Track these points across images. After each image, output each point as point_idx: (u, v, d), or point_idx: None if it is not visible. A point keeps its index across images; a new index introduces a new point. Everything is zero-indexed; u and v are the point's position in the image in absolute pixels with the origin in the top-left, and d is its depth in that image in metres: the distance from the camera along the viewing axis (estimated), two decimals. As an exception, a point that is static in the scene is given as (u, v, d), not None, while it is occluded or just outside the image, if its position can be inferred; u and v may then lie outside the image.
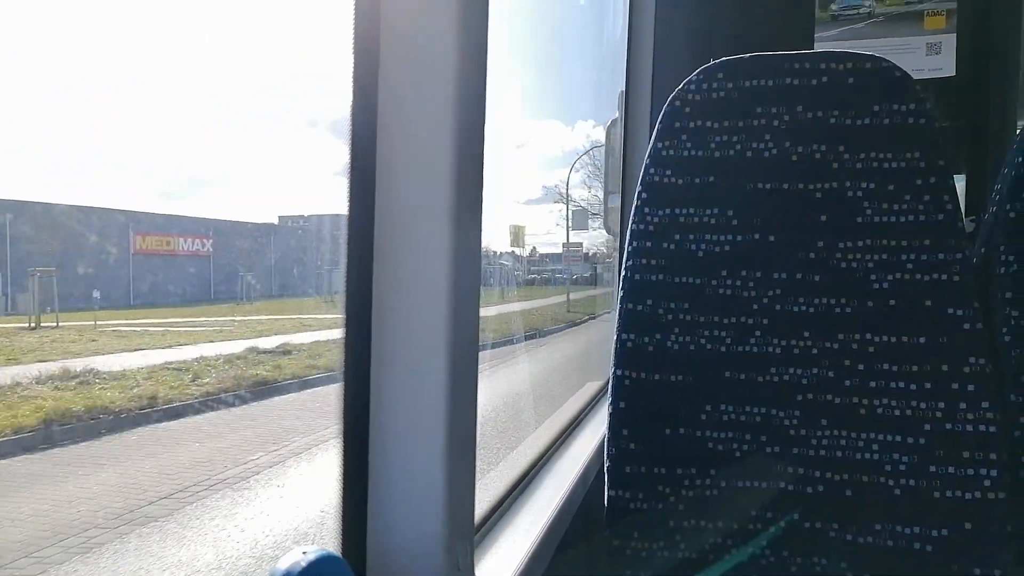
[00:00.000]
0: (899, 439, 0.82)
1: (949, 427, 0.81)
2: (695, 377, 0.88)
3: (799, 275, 0.86)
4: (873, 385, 0.83)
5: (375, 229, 0.53)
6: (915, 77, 0.85)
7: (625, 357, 0.90)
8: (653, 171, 0.91)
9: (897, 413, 0.82)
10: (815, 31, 1.68)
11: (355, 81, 0.52)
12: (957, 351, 0.81)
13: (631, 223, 0.92)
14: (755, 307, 0.87)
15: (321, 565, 0.42)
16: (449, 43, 0.51)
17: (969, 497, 0.80)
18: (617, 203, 1.83)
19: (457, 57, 0.51)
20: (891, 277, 0.84)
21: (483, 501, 0.83)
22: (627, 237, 0.93)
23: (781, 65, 0.88)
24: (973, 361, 0.81)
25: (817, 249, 0.86)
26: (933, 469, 0.81)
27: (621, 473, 0.89)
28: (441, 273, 0.52)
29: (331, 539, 0.55)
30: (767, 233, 0.88)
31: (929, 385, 0.82)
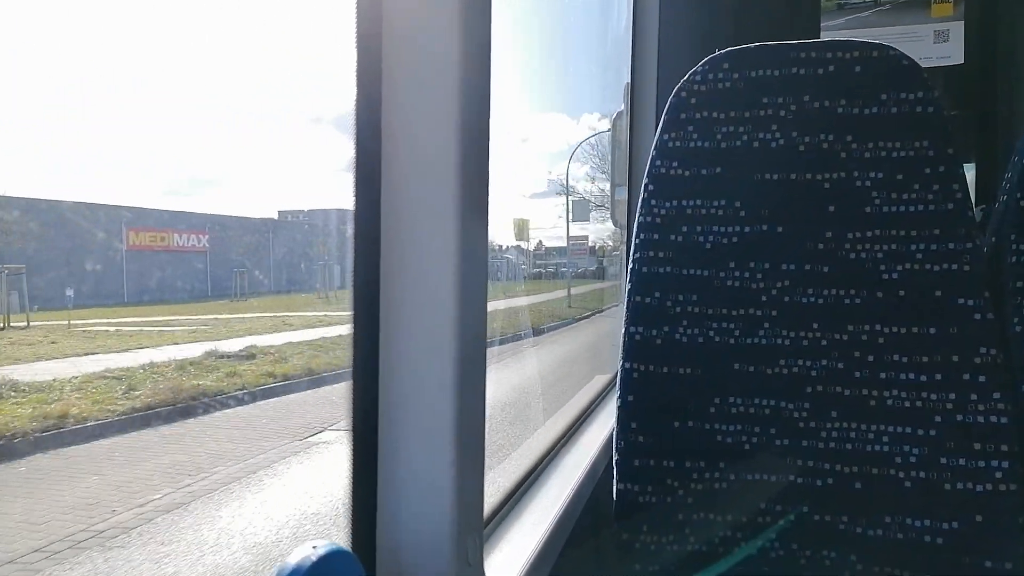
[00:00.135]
0: (909, 431, 0.82)
1: (960, 418, 0.80)
2: (704, 370, 0.88)
3: (808, 266, 0.86)
4: (883, 376, 0.83)
5: (381, 226, 0.53)
6: (923, 65, 0.85)
7: (633, 350, 0.90)
8: (660, 163, 0.91)
9: (907, 405, 0.82)
10: (821, 20, 1.67)
11: (359, 78, 0.52)
12: (968, 342, 0.81)
13: (638, 215, 0.92)
14: (764, 299, 0.87)
15: (331, 560, 0.42)
16: (452, 39, 0.50)
17: (980, 489, 0.79)
18: (624, 195, 1.82)
19: (461, 53, 0.50)
20: (900, 267, 0.83)
21: (492, 495, 0.83)
22: (634, 229, 0.92)
23: (787, 55, 0.87)
24: (984, 352, 0.80)
25: (826, 240, 0.86)
26: (944, 461, 0.80)
27: (630, 466, 0.89)
28: (448, 269, 0.52)
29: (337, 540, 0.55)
30: (775, 224, 0.87)
31: (940, 376, 0.81)
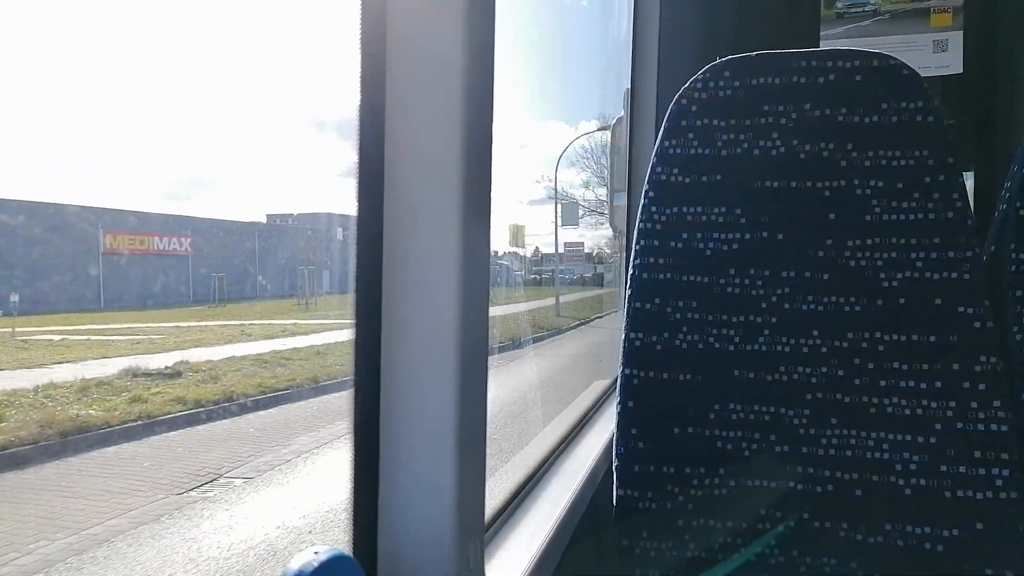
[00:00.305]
0: (909, 438, 0.82)
1: (960, 426, 0.80)
2: (704, 376, 0.88)
3: (808, 273, 0.86)
4: (883, 384, 0.83)
5: (384, 229, 0.54)
6: (922, 74, 0.85)
7: (633, 356, 0.90)
8: (660, 170, 0.91)
9: (907, 412, 0.82)
10: (821, 29, 1.67)
11: (362, 83, 0.52)
12: (968, 350, 0.81)
13: (638, 222, 0.92)
14: (764, 306, 0.87)
15: (332, 565, 0.42)
16: (456, 44, 0.51)
17: (981, 497, 0.79)
18: (623, 201, 1.82)
19: (464, 58, 0.51)
20: (900, 275, 0.83)
21: (492, 500, 0.83)
22: (634, 236, 0.93)
23: (788, 63, 0.88)
24: (984, 360, 0.80)
25: (826, 247, 0.86)
26: (944, 469, 0.80)
27: (630, 472, 0.89)
28: (450, 274, 0.52)
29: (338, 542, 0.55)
30: (775, 231, 0.87)
31: (940, 384, 0.81)
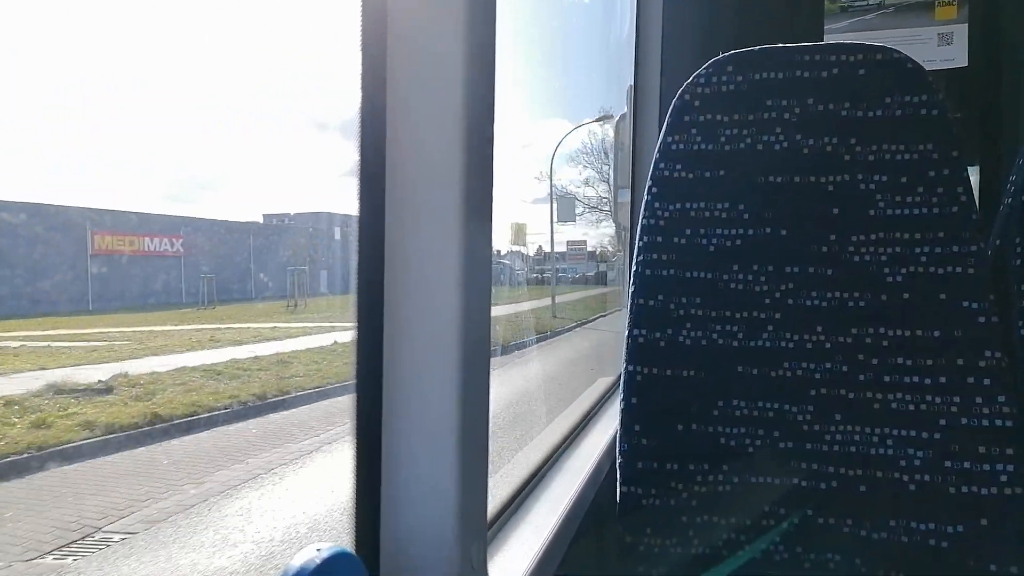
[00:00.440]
0: (913, 434, 0.82)
1: (964, 422, 0.80)
2: (707, 372, 0.88)
3: (811, 269, 0.86)
4: (887, 380, 0.83)
5: (385, 229, 0.54)
6: (927, 68, 0.85)
7: (637, 353, 0.90)
8: (663, 165, 0.91)
9: (911, 408, 0.82)
10: (824, 23, 1.66)
11: (363, 83, 0.52)
12: (972, 345, 0.81)
13: (641, 218, 0.92)
14: (767, 301, 0.87)
15: (335, 562, 0.42)
16: (457, 44, 0.51)
17: (985, 493, 0.79)
18: (627, 198, 1.82)
19: (465, 58, 0.51)
20: (905, 270, 0.83)
21: (495, 498, 0.83)
22: (637, 232, 0.92)
23: (791, 57, 0.87)
24: (989, 355, 0.80)
25: (829, 243, 0.86)
26: (948, 464, 0.80)
27: (633, 469, 0.89)
28: (452, 273, 0.52)
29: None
30: (779, 227, 0.87)
31: (944, 379, 0.81)
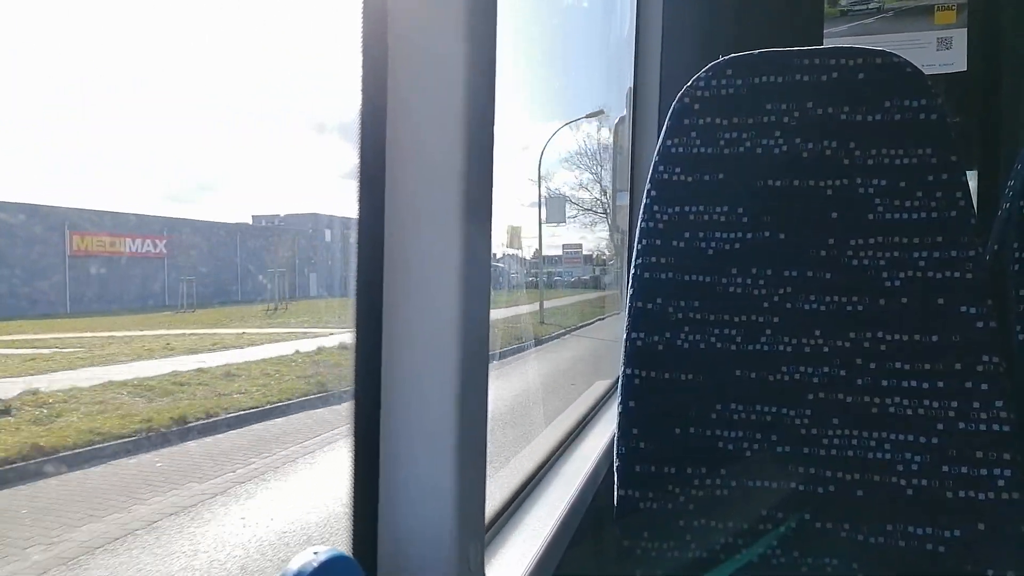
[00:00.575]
0: (911, 438, 0.82)
1: (962, 426, 0.80)
2: (705, 376, 0.88)
3: (810, 273, 0.86)
4: (885, 384, 0.83)
5: (385, 231, 0.54)
6: (926, 72, 0.85)
7: (635, 356, 0.90)
8: (662, 168, 0.91)
9: (909, 412, 0.82)
10: (824, 27, 1.67)
11: (364, 84, 0.52)
12: (970, 349, 0.81)
13: (640, 221, 0.92)
14: (766, 305, 0.87)
15: (333, 565, 0.42)
16: (457, 46, 0.51)
17: (983, 497, 0.79)
18: (625, 201, 1.82)
19: (465, 60, 0.51)
20: (903, 275, 0.83)
21: (493, 500, 0.83)
22: (636, 235, 0.93)
23: (790, 61, 0.87)
24: (987, 360, 0.80)
25: (828, 247, 0.86)
26: (946, 469, 0.80)
27: (631, 472, 0.89)
28: (451, 275, 0.52)
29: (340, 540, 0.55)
30: (777, 231, 0.87)
31: (942, 384, 0.81)
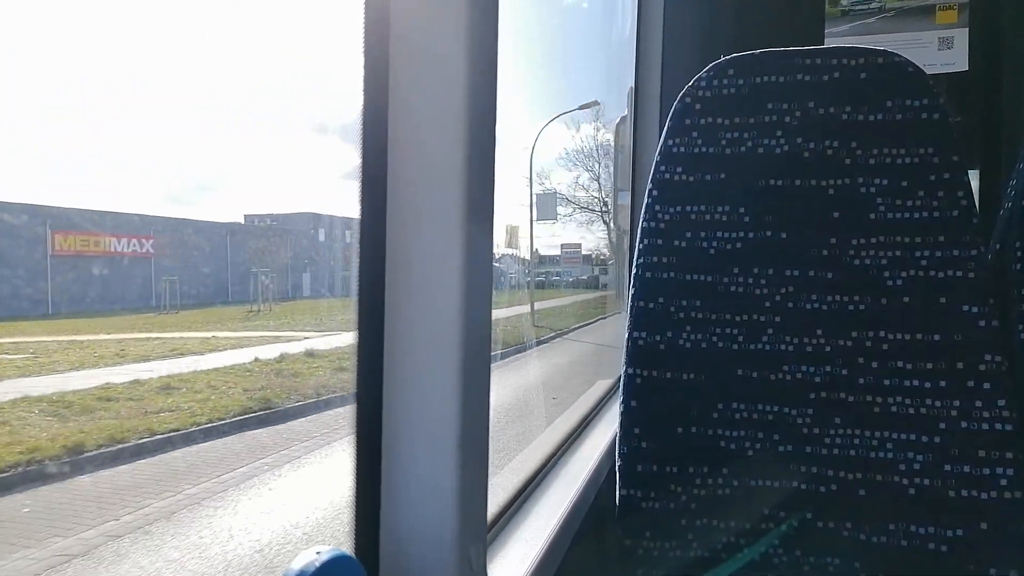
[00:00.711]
0: (913, 438, 0.82)
1: (964, 426, 0.80)
2: (707, 375, 0.88)
3: (812, 272, 0.86)
4: (887, 383, 0.83)
5: (387, 231, 0.54)
6: (927, 72, 0.85)
7: (637, 355, 0.90)
8: (664, 168, 0.91)
9: (911, 411, 0.82)
10: (825, 26, 1.67)
11: (365, 85, 0.52)
12: (972, 349, 0.81)
13: (642, 221, 0.92)
14: (767, 304, 0.87)
15: (335, 565, 0.42)
16: (459, 46, 0.51)
17: (985, 497, 0.79)
18: (627, 200, 1.82)
19: (467, 60, 0.51)
20: (905, 274, 0.83)
21: (495, 500, 0.83)
22: (638, 235, 0.93)
23: (792, 61, 0.87)
24: (989, 359, 0.80)
25: (830, 246, 0.86)
26: (948, 468, 0.80)
27: (633, 472, 0.89)
28: (452, 276, 0.52)
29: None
30: (779, 230, 0.87)
31: (944, 383, 0.81)
